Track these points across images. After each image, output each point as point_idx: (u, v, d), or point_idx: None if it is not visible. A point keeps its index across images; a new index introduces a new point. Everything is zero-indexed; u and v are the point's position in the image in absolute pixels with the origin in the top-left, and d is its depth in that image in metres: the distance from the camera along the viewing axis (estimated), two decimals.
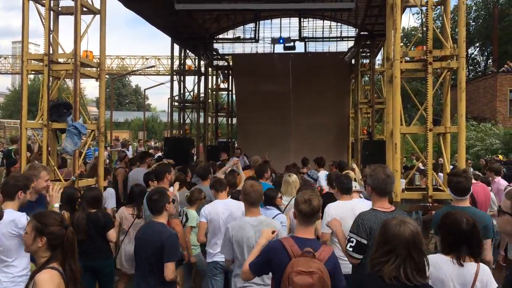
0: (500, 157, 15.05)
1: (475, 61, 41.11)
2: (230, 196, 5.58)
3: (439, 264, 2.98)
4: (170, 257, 3.90)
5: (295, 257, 2.98)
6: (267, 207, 5.13)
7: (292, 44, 14.68)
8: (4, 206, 3.87)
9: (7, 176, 6.81)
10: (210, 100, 17.98)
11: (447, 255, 3.01)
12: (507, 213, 2.50)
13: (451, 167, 7.24)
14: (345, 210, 4.65)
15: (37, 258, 2.82)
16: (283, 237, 3.42)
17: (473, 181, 5.15)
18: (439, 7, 6.91)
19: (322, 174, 8.42)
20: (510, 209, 2.48)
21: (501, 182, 7.84)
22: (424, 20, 6.11)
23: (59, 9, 6.88)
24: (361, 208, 3.99)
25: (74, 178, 6.07)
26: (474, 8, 38.37)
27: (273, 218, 4.74)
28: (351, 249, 3.58)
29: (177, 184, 6.00)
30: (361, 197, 5.29)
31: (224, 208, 5.12)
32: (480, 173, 8.83)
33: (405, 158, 13.65)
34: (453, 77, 6.83)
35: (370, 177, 3.69)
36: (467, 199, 4.19)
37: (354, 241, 3.57)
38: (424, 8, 6.11)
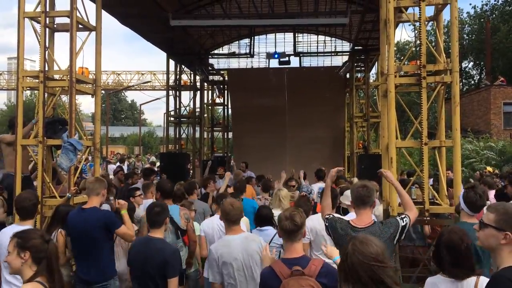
0: (489, 169, 15.04)
1: (469, 74, 41.52)
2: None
3: (438, 286, 2.96)
4: (174, 272, 3.86)
5: (285, 278, 2.97)
6: (259, 228, 4.96)
7: (287, 58, 14.78)
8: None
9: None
10: (205, 115, 18.02)
11: (445, 275, 3.00)
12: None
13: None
14: (321, 222, 4.68)
15: (24, 276, 2.75)
16: (273, 262, 3.39)
17: None
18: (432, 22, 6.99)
19: (315, 187, 8.15)
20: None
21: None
22: (417, 35, 6.17)
23: (55, 26, 6.89)
24: None
25: (70, 195, 6.02)
26: (468, 22, 38.93)
27: (271, 239, 4.65)
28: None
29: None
30: None
31: (219, 224, 5.04)
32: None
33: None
34: (447, 90, 6.88)
35: (350, 190, 3.73)
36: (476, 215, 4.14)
37: (330, 215, 3.75)
38: (417, 23, 6.17)
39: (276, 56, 14.71)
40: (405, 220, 3.62)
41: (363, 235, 2.48)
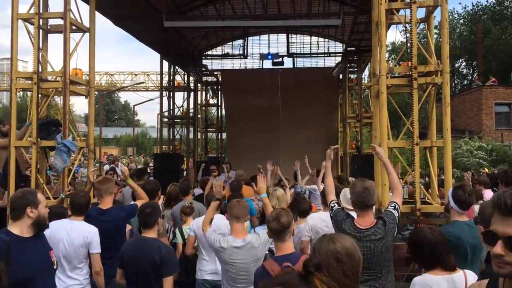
0: (486, 170, 15.19)
1: (462, 74, 41.84)
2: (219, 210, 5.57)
3: (433, 286, 3.00)
4: (169, 271, 3.91)
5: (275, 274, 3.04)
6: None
7: (280, 59, 14.84)
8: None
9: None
10: (199, 116, 18.04)
11: (433, 273, 3.05)
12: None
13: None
14: (322, 221, 4.74)
15: None
16: (265, 261, 3.50)
17: None
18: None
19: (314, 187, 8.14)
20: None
21: (486, 194, 7.94)
22: (408, 36, 6.24)
23: (48, 27, 6.90)
24: None
25: (63, 196, 6.02)
26: (461, 22, 39.25)
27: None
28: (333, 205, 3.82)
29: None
30: None
31: (212, 224, 5.05)
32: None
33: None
34: (440, 91, 6.97)
35: (350, 192, 3.73)
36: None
37: (336, 205, 3.81)
38: (408, 25, 6.24)
39: (269, 57, 14.77)
40: (397, 209, 3.69)
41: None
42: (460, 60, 39.70)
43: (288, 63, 15.88)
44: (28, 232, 3.22)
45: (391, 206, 3.76)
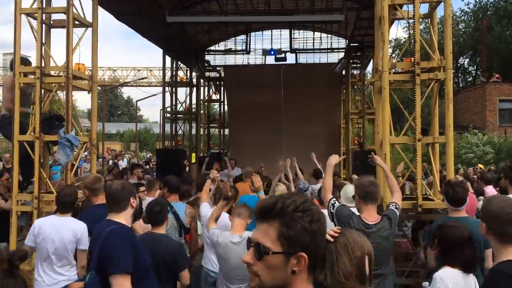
0: (480, 166, 15.11)
1: (467, 70, 41.67)
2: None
3: (456, 279, 3.04)
4: (184, 265, 3.98)
5: None
6: None
7: (283, 55, 14.81)
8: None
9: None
10: (202, 111, 18.04)
11: (453, 267, 3.08)
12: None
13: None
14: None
15: None
16: None
17: None
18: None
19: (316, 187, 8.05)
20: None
21: (488, 191, 7.94)
22: (411, 32, 6.22)
23: (51, 22, 6.91)
24: None
25: None
26: (464, 19, 39.07)
27: None
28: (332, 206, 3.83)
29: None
30: None
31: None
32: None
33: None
34: (443, 87, 6.94)
35: (356, 187, 3.80)
36: (464, 209, 4.22)
37: (336, 202, 3.85)
38: (411, 21, 6.22)
39: (272, 52, 14.74)
40: (398, 209, 3.80)
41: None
42: (463, 57, 39.54)
43: (291, 58, 15.90)
44: (131, 222, 3.30)
45: (392, 205, 3.84)
